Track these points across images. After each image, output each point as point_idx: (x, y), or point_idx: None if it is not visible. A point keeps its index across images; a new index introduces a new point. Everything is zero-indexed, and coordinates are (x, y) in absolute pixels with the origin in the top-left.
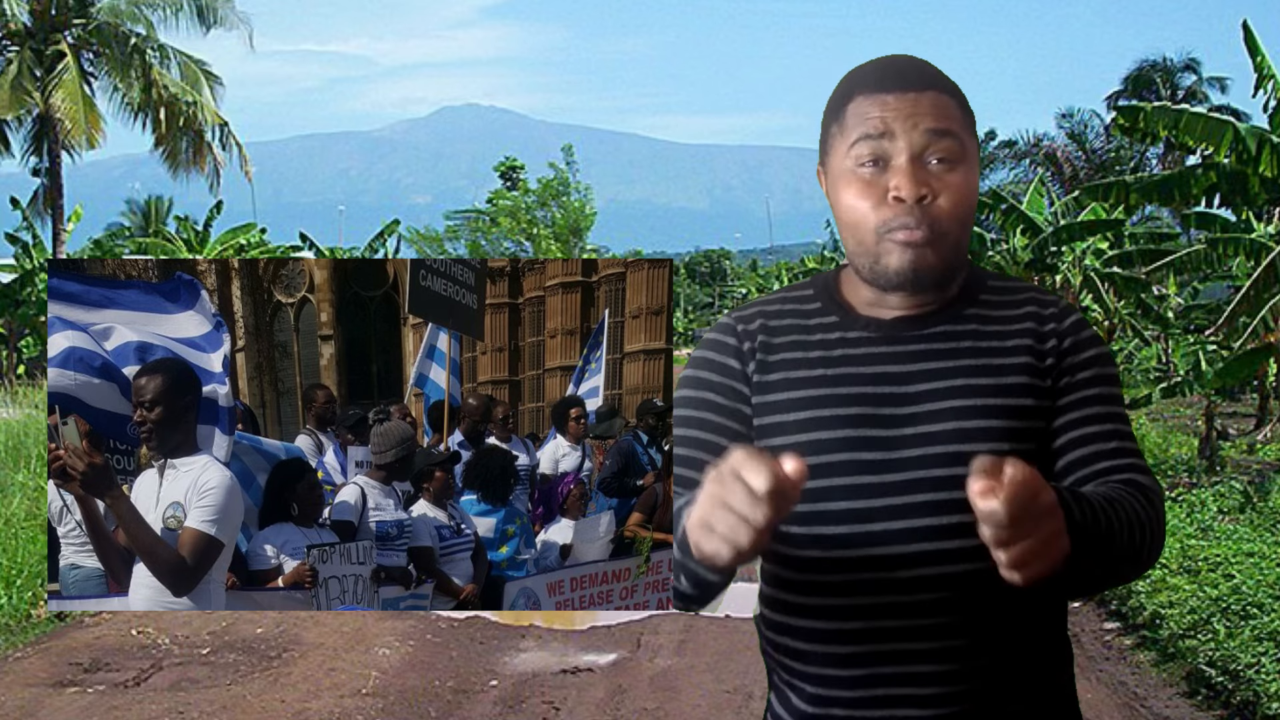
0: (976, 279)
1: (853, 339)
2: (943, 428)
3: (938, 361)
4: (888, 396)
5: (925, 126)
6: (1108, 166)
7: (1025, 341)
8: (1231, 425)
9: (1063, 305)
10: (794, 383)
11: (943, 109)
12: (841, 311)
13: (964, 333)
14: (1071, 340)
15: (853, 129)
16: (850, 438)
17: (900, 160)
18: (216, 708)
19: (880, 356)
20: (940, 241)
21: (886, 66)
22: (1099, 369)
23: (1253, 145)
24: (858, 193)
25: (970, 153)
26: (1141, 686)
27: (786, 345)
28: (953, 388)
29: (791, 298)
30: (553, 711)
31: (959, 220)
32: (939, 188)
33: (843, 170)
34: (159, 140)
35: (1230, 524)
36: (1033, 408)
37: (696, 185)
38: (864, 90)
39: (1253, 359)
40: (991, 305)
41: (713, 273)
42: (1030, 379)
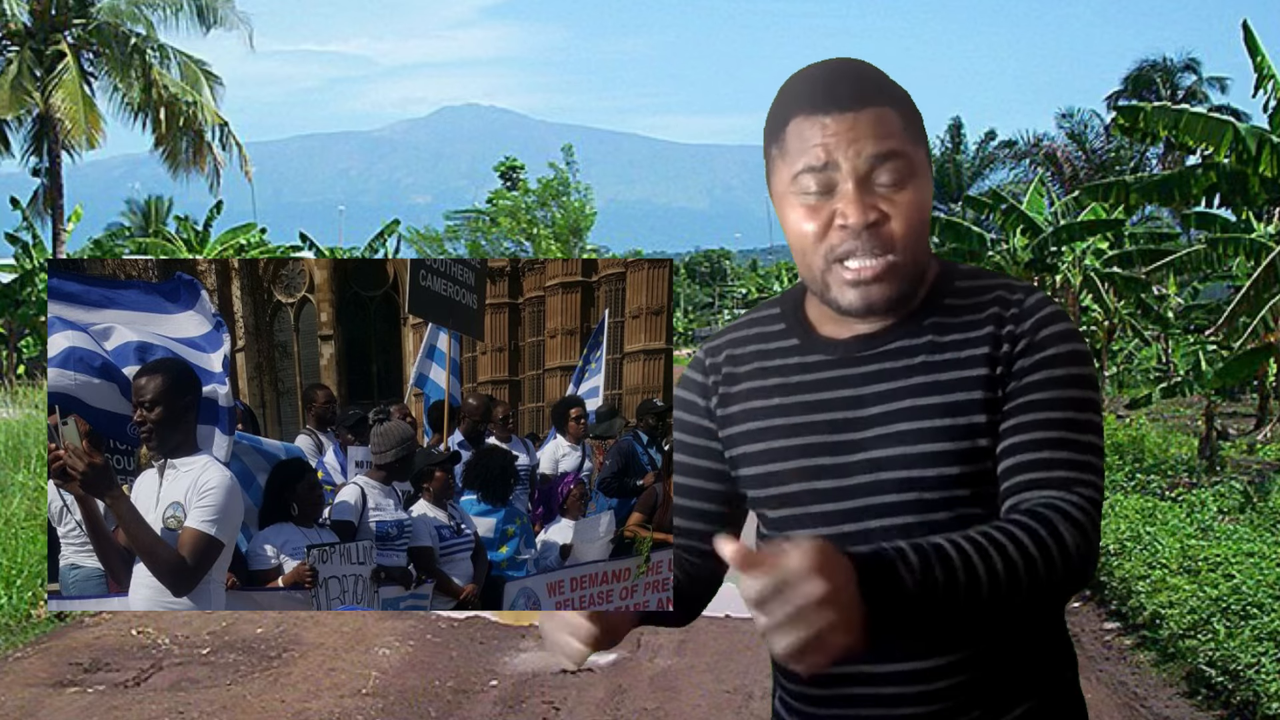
0: (944, 279)
1: (811, 363)
2: (890, 453)
3: (889, 382)
4: (841, 422)
5: (868, 152)
6: (1108, 166)
7: (982, 350)
8: (1231, 425)
9: (1032, 298)
10: (754, 413)
11: (883, 126)
12: (803, 332)
13: (919, 346)
14: (1027, 340)
15: (795, 157)
16: (805, 467)
17: (846, 186)
18: (216, 708)
19: (835, 381)
20: (891, 271)
21: (822, 82)
22: (1050, 369)
23: (1253, 145)
24: (803, 216)
25: (918, 165)
26: (1141, 686)
27: (748, 374)
28: (901, 410)
29: (760, 319)
30: (553, 711)
31: (912, 239)
32: (888, 209)
33: (786, 194)
34: (159, 140)
35: (1230, 524)
36: (986, 424)
37: (696, 185)
38: (802, 110)
39: (1253, 359)
40: (954, 311)
41: (713, 273)
42: (984, 393)
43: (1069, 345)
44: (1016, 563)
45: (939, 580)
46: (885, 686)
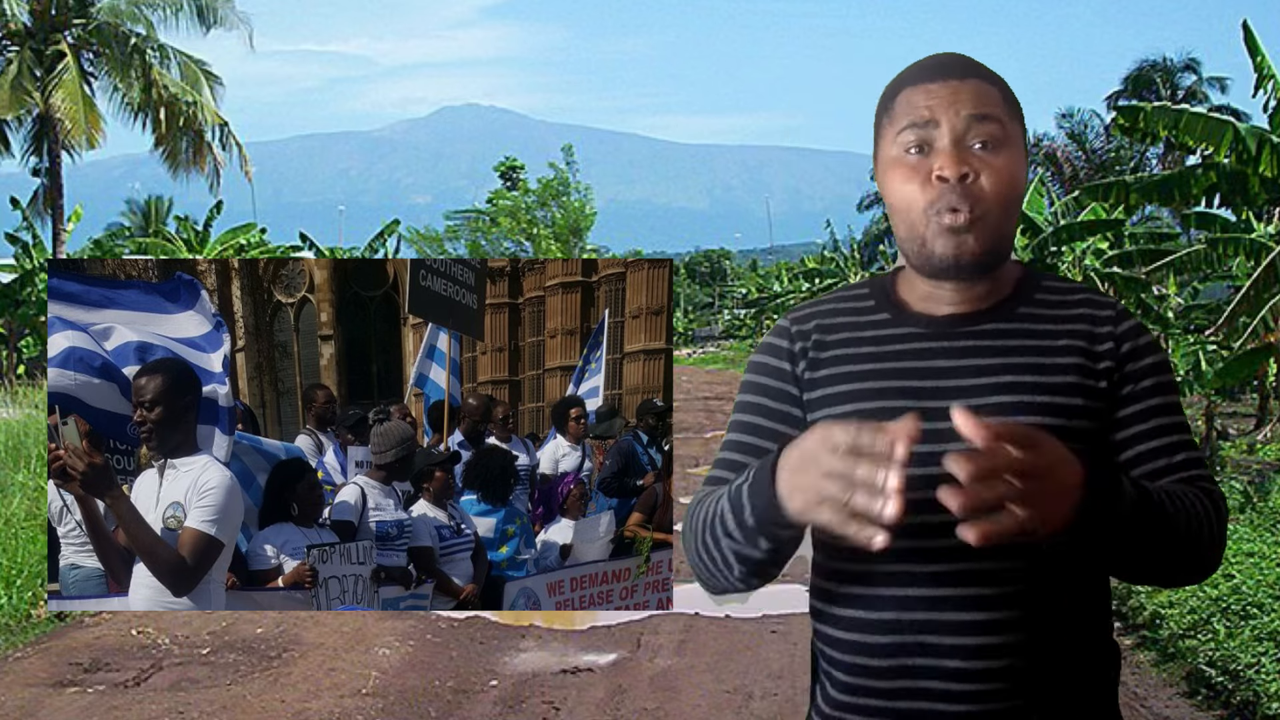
0: (1031, 279)
1: (903, 335)
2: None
3: (986, 358)
4: (934, 390)
5: (966, 111)
6: (1108, 166)
7: (1077, 342)
8: (1231, 425)
9: (1119, 309)
10: (843, 377)
11: (984, 95)
12: (895, 309)
13: (1014, 331)
14: (1130, 345)
15: (900, 118)
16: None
17: (944, 143)
18: (216, 708)
19: (929, 352)
20: (982, 224)
21: (932, 61)
22: (1160, 377)
23: (1253, 145)
24: (904, 177)
25: (1014, 138)
26: (1141, 686)
27: (839, 343)
28: (999, 384)
29: (847, 297)
30: (553, 711)
31: (1002, 201)
32: (980, 168)
33: (890, 158)
34: (159, 140)
35: (1230, 524)
36: (1082, 408)
37: (696, 185)
38: (911, 83)
39: (1253, 359)
40: (1045, 305)
41: (713, 273)
42: (1081, 379)
43: (1164, 357)
44: (1198, 515)
45: (1144, 504)
46: (948, 660)
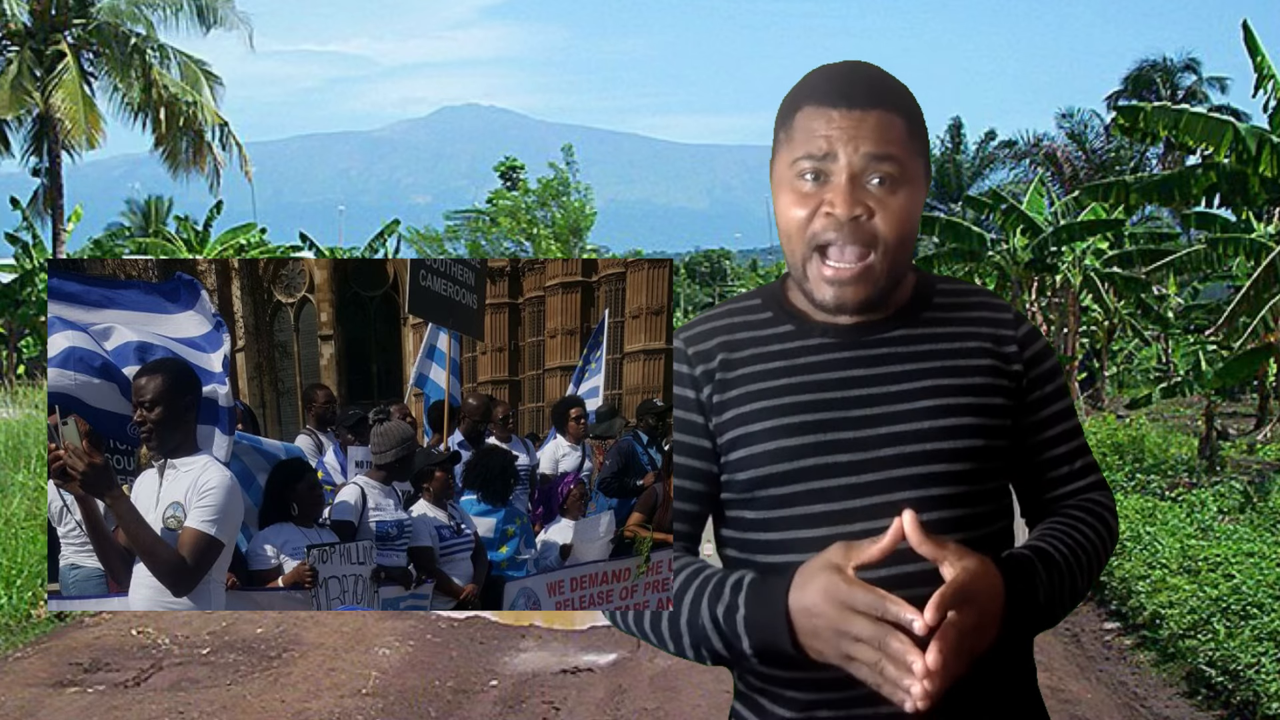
0: (926, 283)
1: (813, 346)
2: (916, 426)
3: (903, 364)
4: (855, 399)
5: (866, 150)
6: (1108, 166)
7: (985, 344)
8: (1231, 425)
9: (1015, 312)
10: (758, 394)
11: (887, 131)
12: (796, 320)
13: (923, 335)
14: (1033, 350)
15: (798, 144)
16: (820, 442)
17: (839, 180)
18: (216, 708)
19: (843, 362)
20: (866, 273)
21: (838, 78)
22: (1058, 381)
23: (1253, 145)
24: (795, 202)
25: (913, 175)
26: (1141, 686)
27: (747, 360)
28: (923, 388)
29: (740, 310)
30: (553, 711)
31: (894, 242)
32: (876, 207)
33: (784, 178)
34: (159, 140)
35: (1230, 524)
36: (1001, 407)
37: (696, 185)
38: (814, 101)
39: (1253, 359)
40: (945, 308)
41: (713, 273)
42: (994, 379)
43: (1057, 360)
44: (1097, 553)
45: (1057, 579)
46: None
